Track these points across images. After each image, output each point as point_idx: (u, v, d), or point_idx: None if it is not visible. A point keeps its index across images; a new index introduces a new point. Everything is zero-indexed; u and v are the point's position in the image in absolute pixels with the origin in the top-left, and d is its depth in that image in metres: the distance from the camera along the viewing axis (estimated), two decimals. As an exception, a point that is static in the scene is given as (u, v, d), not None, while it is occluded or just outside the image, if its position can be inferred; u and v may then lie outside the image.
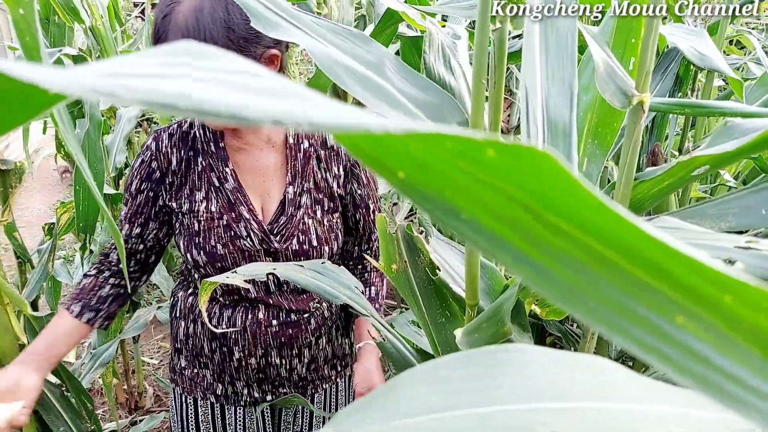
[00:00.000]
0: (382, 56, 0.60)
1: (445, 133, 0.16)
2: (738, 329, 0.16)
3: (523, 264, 0.18)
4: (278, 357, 1.03)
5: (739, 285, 0.15)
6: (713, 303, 0.16)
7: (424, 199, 0.20)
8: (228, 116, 0.15)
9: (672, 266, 0.16)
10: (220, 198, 0.96)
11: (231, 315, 1.01)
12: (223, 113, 0.15)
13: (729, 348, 0.16)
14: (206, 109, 0.15)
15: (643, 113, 0.57)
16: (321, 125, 0.15)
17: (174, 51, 0.20)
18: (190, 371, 1.09)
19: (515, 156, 0.16)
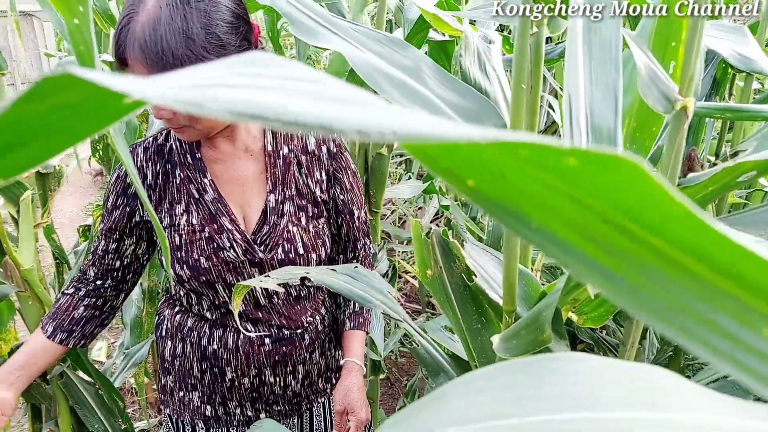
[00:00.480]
0: (419, 61, 0.60)
1: (525, 141, 0.16)
2: (827, 342, 0.16)
3: (596, 272, 0.18)
4: (272, 375, 1.00)
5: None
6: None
7: (493, 206, 0.20)
8: (315, 126, 0.15)
9: (759, 277, 0.16)
10: (200, 210, 0.93)
11: (222, 335, 0.98)
12: (310, 124, 0.15)
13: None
14: (292, 119, 0.15)
15: (687, 118, 0.55)
16: (405, 135, 0.15)
17: (243, 62, 0.21)
18: (178, 394, 1.05)
19: (599, 164, 0.16)
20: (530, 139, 0.16)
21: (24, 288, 1.21)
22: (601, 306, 0.68)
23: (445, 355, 0.76)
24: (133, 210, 0.96)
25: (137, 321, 1.66)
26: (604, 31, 0.46)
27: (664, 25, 0.61)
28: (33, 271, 1.18)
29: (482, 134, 0.15)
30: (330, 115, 0.15)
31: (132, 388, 2.22)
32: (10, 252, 1.17)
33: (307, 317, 1.02)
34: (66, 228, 3.90)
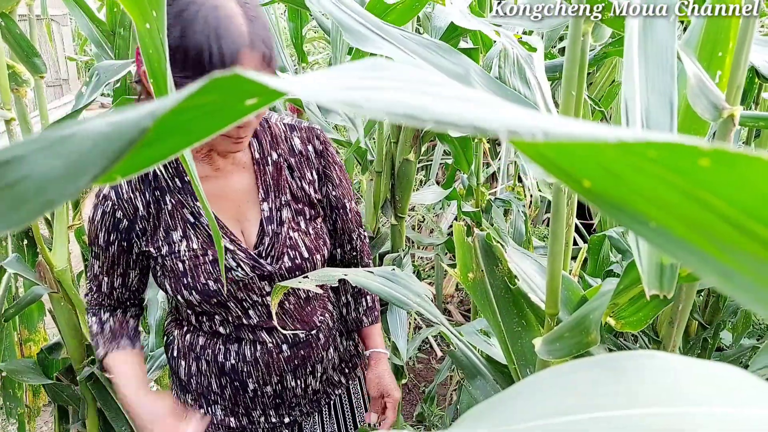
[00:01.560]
0: (468, 67, 0.62)
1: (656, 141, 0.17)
2: None
3: (714, 270, 0.19)
4: (293, 379, 1.01)
5: None
6: None
7: (609, 206, 0.21)
8: (466, 127, 0.16)
9: None
10: (199, 233, 0.90)
11: (238, 349, 0.97)
12: (461, 124, 0.16)
13: None
14: (445, 119, 0.16)
15: (734, 126, 0.56)
16: (556, 136, 0.16)
17: (365, 67, 0.22)
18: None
19: (731, 164, 0.17)
20: (664, 138, 0.17)
21: (57, 289, 1.24)
22: (640, 311, 0.68)
23: (482, 358, 0.77)
24: (130, 243, 0.92)
25: (161, 324, 1.68)
26: (659, 37, 0.47)
27: (710, 35, 0.62)
28: (66, 272, 1.20)
29: (626, 135, 0.16)
30: (481, 116, 0.17)
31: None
32: (45, 253, 1.19)
33: (318, 316, 1.02)
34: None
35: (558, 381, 0.33)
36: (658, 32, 0.47)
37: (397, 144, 1.35)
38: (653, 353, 0.32)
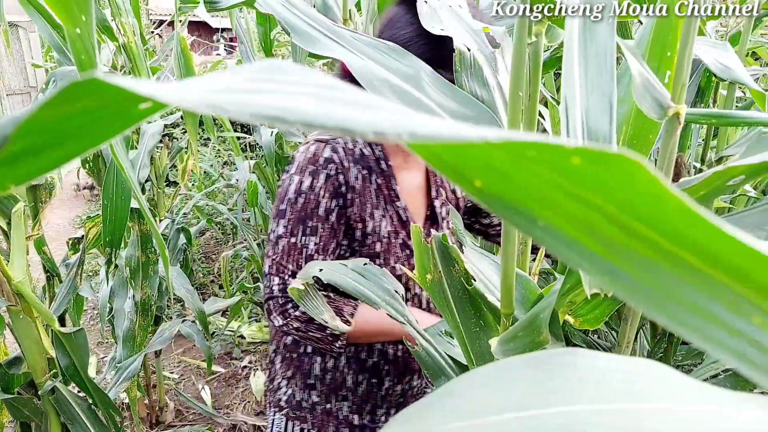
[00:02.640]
0: (418, 69, 0.61)
1: (531, 141, 0.17)
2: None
3: (601, 269, 0.19)
4: (419, 378, 1.04)
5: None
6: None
7: (500, 205, 0.20)
8: (334, 128, 0.16)
9: (750, 267, 0.17)
10: (393, 216, 0.95)
11: (382, 347, 0.99)
12: (328, 125, 0.16)
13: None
14: (312, 121, 0.16)
15: (679, 124, 0.57)
16: (420, 136, 0.16)
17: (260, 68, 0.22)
18: (323, 406, 1.03)
19: (603, 163, 0.17)
20: (536, 138, 0.17)
21: (15, 302, 1.20)
22: (597, 308, 0.69)
23: (447, 358, 0.77)
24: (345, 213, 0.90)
25: (130, 334, 1.65)
26: (599, 39, 0.47)
27: (660, 36, 0.63)
28: (25, 284, 1.17)
29: (494, 135, 0.16)
30: (349, 117, 0.16)
31: (123, 403, 2.19)
32: (1, 265, 1.16)
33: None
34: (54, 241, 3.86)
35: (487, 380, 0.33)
36: (598, 33, 0.48)
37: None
38: (578, 351, 0.32)
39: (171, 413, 2.26)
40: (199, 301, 1.72)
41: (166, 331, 1.69)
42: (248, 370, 2.55)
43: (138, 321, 1.66)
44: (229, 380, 2.52)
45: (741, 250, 0.16)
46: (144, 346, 1.68)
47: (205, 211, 3.14)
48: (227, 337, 2.71)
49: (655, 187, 0.16)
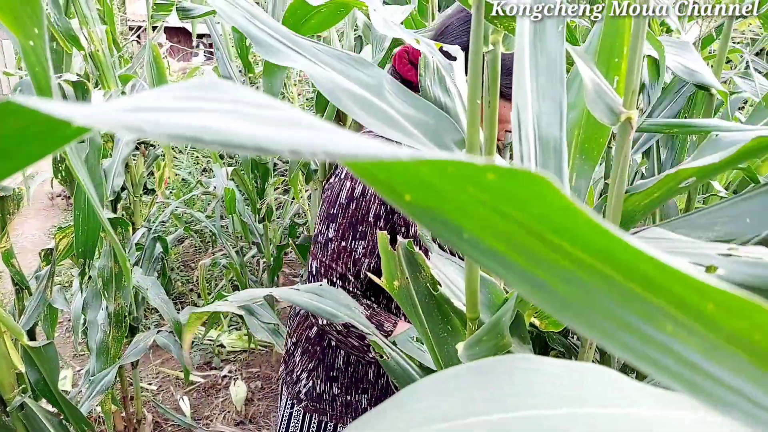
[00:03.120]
0: (380, 78, 0.62)
1: (448, 159, 0.18)
2: (721, 335, 0.17)
3: (522, 279, 0.20)
4: None
5: (720, 293, 0.17)
6: (698, 311, 0.17)
7: (428, 219, 0.21)
8: (252, 147, 0.16)
9: (659, 278, 0.17)
10: None
11: None
12: (246, 145, 0.16)
13: (715, 353, 0.18)
14: (229, 140, 0.16)
15: (631, 129, 0.58)
16: (336, 155, 0.16)
17: (191, 86, 0.22)
18: (343, 398, 1.06)
19: (513, 179, 0.17)
20: (451, 156, 0.17)
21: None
22: (563, 311, 0.70)
23: (416, 366, 0.77)
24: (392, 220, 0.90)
25: (103, 347, 1.62)
26: (549, 46, 0.49)
27: (608, 41, 0.65)
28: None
29: (407, 154, 0.17)
30: (266, 136, 0.16)
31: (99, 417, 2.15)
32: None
33: None
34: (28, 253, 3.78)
35: (438, 388, 0.33)
36: (548, 40, 0.49)
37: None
38: (526, 357, 0.32)
39: (149, 426, 2.23)
40: (174, 311, 1.70)
41: (140, 343, 1.66)
42: (228, 380, 2.52)
43: (111, 332, 1.63)
44: (209, 390, 2.49)
45: (647, 260, 0.17)
46: (118, 358, 1.65)
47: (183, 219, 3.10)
48: (207, 346, 2.68)
49: (562, 201, 0.17)
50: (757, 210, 0.51)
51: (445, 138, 0.63)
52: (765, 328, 0.17)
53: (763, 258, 0.36)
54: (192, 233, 3.20)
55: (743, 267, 0.36)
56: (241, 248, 2.59)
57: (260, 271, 2.64)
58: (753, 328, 0.17)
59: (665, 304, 0.18)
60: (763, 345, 0.17)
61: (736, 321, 0.17)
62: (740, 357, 0.17)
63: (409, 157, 0.16)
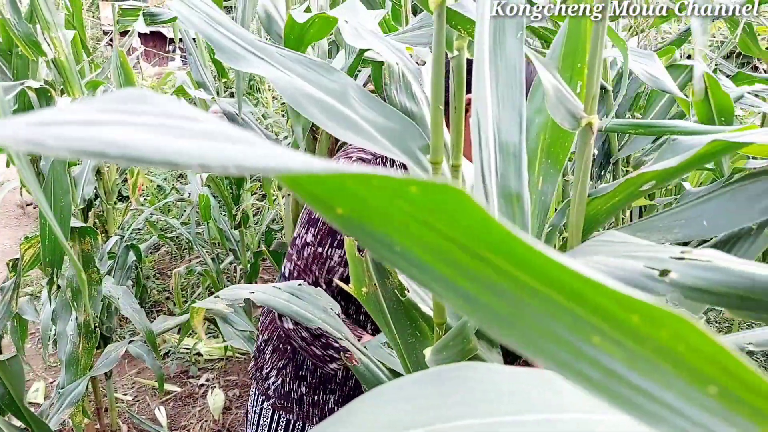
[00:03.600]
0: (345, 85, 0.61)
1: (370, 174, 0.17)
2: (647, 346, 0.17)
3: (453, 292, 0.19)
4: None
5: (643, 305, 0.17)
6: (623, 323, 0.17)
7: (360, 232, 0.20)
8: (159, 162, 0.16)
9: (584, 290, 0.17)
10: None
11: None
12: (154, 159, 0.16)
13: (641, 365, 0.17)
14: (136, 155, 0.16)
15: (592, 134, 0.59)
16: (247, 168, 0.16)
17: (117, 98, 0.21)
18: (310, 398, 1.07)
19: (433, 192, 0.17)
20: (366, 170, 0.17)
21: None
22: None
23: (387, 371, 0.76)
24: None
25: (73, 358, 1.58)
26: (508, 52, 0.49)
27: (571, 46, 0.65)
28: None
29: (320, 166, 0.16)
30: (175, 150, 0.16)
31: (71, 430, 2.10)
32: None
33: None
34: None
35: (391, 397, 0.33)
36: (507, 46, 0.49)
37: (312, 158, 1.34)
38: (477, 365, 0.32)
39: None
40: (146, 321, 1.66)
41: (112, 353, 1.62)
42: (205, 389, 2.48)
43: (81, 343, 1.59)
44: (186, 399, 2.45)
45: (570, 273, 0.17)
46: (89, 370, 1.61)
47: (158, 226, 3.05)
48: (183, 354, 2.63)
49: (480, 214, 0.16)
50: (712, 213, 0.52)
51: (410, 144, 0.63)
52: (688, 340, 0.17)
53: (714, 261, 0.37)
54: (168, 240, 3.15)
55: (695, 270, 0.36)
56: (217, 255, 2.56)
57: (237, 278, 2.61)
58: (676, 339, 0.17)
59: (591, 316, 0.18)
60: (686, 356, 0.17)
61: (660, 333, 0.17)
62: (665, 369, 0.17)
63: (325, 170, 0.16)
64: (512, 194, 0.44)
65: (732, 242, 0.55)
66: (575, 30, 0.63)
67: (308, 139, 1.34)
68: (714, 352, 0.17)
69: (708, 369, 0.17)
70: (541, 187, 0.68)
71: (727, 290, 0.34)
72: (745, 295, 0.34)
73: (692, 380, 0.17)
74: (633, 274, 0.36)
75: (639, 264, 0.37)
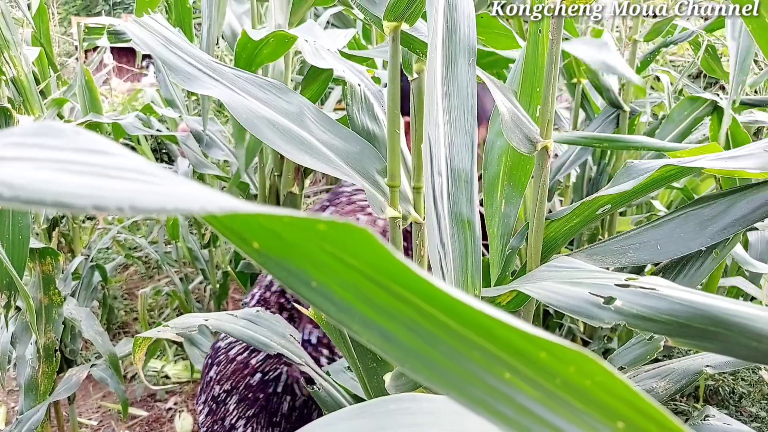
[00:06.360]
0: (302, 107, 0.61)
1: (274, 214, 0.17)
2: (555, 382, 0.17)
3: (370, 329, 0.19)
4: None
5: (550, 344, 0.17)
6: (532, 359, 0.17)
7: (276, 267, 0.20)
8: (52, 204, 0.15)
9: (493, 327, 0.17)
10: None
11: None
12: (46, 201, 0.15)
13: (550, 401, 0.17)
14: (28, 197, 0.15)
15: (549, 157, 0.60)
16: (143, 209, 0.15)
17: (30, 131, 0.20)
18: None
19: (339, 230, 0.17)
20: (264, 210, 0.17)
21: None
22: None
23: (349, 397, 0.75)
24: None
25: (32, 383, 1.52)
26: (460, 77, 0.49)
27: (529, 73, 0.67)
28: None
29: (223, 205, 0.16)
30: (70, 191, 0.15)
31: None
32: None
33: None
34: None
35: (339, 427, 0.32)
36: (459, 71, 0.49)
37: (280, 177, 1.33)
38: (411, 396, 0.32)
39: (87, 465, 2.09)
40: (109, 343, 1.61)
41: (73, 377, 1.56)
42: (173, 412, 2.41)
43: (41, 367, 1.53)
44: (152, 424, 2.37)
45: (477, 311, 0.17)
46: (49, 395, 1.55)
47: (126, 245, 2.98)
48: (151, 378, 2.56)
49: (383, 252, 0.16)
50: (665, 237, 0.53)
51: (368, 166, 0.63)
52: (594, 376, 0.17)
53: (657, 288, 0.37)
54: (135, 260, 3.08)
55: (638, 298, 0.37)
56: (186, 275, 2.51)
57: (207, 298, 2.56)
58: (583, 375, 0.17)
59: (501, 352, 0.18)
60: (593, 392, 0.17)
61: (567, 369, 0.17)
62: (574, 404, 0.17)
63: (221, 209, 0.16)
64: (464, 220, 0.45)
65: (682, 264, 0.56)
66: (533, 54, 0.64)
67: (275, 156, 1.33)
68: (619, 388, 0.17)
69: (615, 404, 0.17)
70: (504, 209, 0.68)
71: (669, 318, 0.35)
72: (686, 323, 0.34)
73: (601, 415, 0.17)
74: (578, 301, 0.36)
75: (584, 291, 0.37)
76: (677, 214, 0.58)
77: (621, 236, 0.58)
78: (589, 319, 0.35)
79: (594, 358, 0.16)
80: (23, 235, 1.28)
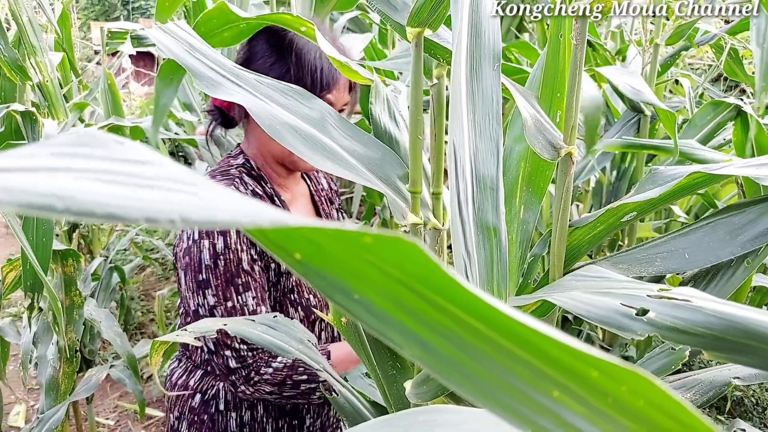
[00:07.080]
0: (323, 112, 0.62)
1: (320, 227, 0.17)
2: (606, 401, 0.17)
3: (411, 340, 0.19)
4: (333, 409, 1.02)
5: (601, 362, 0.16)
6: (582, 378, 0.17)
7: (318, 278, 0.20)
8: (102, 216, 0.15)
9: (543, 344, 0.17)
10: None
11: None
12: (97, 213, 0.15)
13: (600, 420, 0.17)
14: (79, 209, 0.15)
15: (572, 163, 0.59)
16: (194, 222, 0.15)
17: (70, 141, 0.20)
18: None
19: (385, 243, 0.16)
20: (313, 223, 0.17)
21: None
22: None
23: (367, 403, 0.75)
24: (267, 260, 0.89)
25: (53, 383, 1.54)
26: (485, 84, 0.49)
27: (549, 79, 0.66)
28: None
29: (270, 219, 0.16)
30: (120, 204, 0.15)
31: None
32: None
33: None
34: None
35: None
36: (484, 78, 0.49)
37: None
38: (435, 408, 0.32)
39: (104, 465, 2.11)
40: (128, 344, 1.63)
41: (93, 378, 1.59)
42: (189, 413, 2.43)
43: (62, 368, 1.55)
44: (169, 425, 2.39)
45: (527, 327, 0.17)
46: (69, 394, 1.57)
47: (143, 247, 3.02)
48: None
49: (430, 265, 0.16)
50: (694, 246, 0.52)
51: (390, 172, 0.63)
52: (647, 395, 0.16)
53: (692, 300, 0.36)
54: (153, 261, 3.11)
55: (672, 309, 0.36)
56: (204, 276, 2.53)
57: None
58: (635, 395, 0.17)
59: (552, 371, 0.17)
60: (645, 412, 0.17)
61: (619, 388, 0.17)
62: (626, 424, 0.17)
63: (270, 222, 0.15)
64: (490, 227, 0.44)
65: (712, 274, 0.55)
66: (554, 59, 0.63)
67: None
68: (673, 408, 0.16)
69: (668, 424, 0.17)
70: (523, 215, 0.68)
71: (704, 331, 0.34)
72: (721, 336, 0.34)
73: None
74: (609, 312, 0.36)
75: (616, 302, 0.37)
76: (705, 223, 0.57)
77: (647, 244, 0.57)
78: (621, 330, 0.35)
79: (647, 377, 0.16)
80: (47, 237, 1.31)
